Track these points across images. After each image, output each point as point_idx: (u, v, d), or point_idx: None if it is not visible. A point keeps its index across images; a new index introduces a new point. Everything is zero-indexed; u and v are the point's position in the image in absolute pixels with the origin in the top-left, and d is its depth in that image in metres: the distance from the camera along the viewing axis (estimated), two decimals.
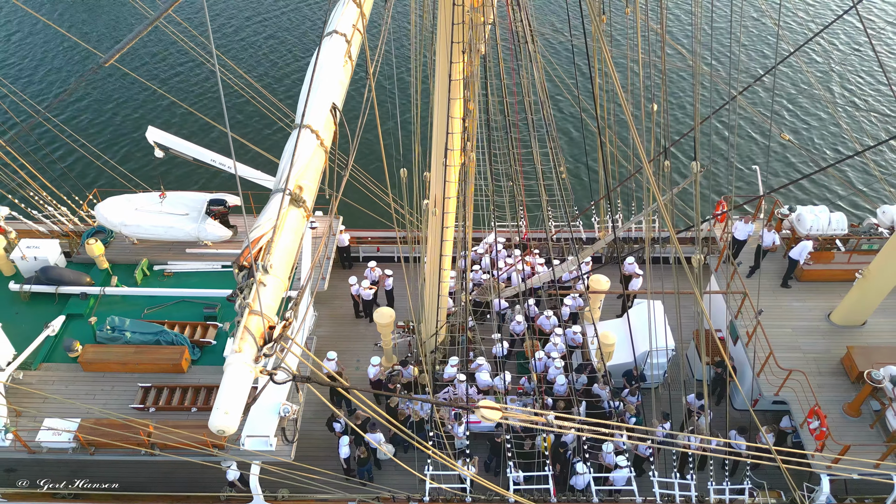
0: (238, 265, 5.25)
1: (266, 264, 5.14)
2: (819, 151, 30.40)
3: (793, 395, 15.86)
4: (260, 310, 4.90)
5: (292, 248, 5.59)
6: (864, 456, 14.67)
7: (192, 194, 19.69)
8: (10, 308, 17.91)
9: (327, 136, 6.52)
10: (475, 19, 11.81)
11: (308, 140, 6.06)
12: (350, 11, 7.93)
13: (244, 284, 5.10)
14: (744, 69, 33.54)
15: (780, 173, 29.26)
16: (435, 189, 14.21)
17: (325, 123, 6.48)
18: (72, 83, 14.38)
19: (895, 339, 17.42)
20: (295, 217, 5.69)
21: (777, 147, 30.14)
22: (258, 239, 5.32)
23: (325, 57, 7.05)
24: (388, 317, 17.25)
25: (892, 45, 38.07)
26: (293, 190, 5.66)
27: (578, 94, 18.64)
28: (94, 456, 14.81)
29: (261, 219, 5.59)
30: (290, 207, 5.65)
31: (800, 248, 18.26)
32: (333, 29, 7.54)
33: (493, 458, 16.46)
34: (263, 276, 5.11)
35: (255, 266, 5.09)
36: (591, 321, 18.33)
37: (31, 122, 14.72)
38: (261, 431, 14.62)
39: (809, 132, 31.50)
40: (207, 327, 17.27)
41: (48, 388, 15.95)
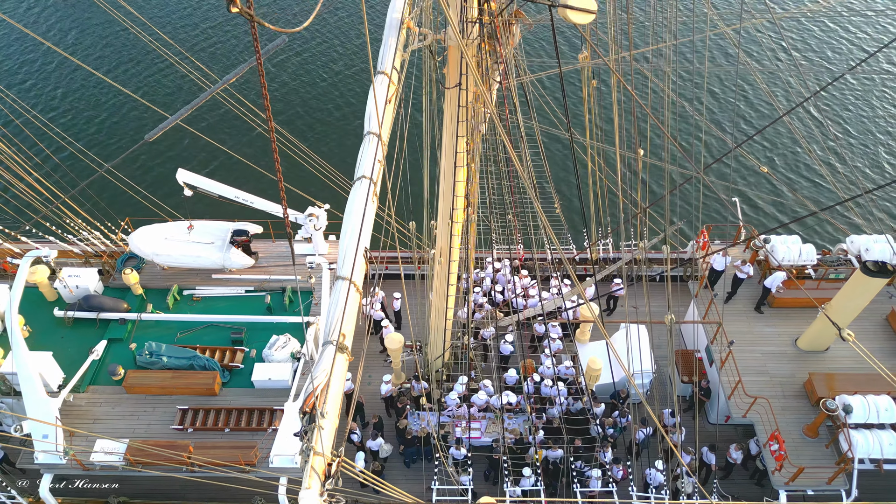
0: (301, 410, 7.03)
1: (323, 411, 6.92)
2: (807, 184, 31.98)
3: (758, 417, 17.85)
4: (322, 451, 6.70)
5: (340, 390, 7.38)
6: (819, 473, 16.83)
7: (216, 223, 21.37)
8: (56, 332, 19.78)
9: (359, 279, 8.26)
10: (477, 110, 13.40)
11: (349, 293, 7.79)
12: (372, 150, 9.59)
13: (307, 428, 6.89)
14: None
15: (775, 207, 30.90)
16: (441, 242, 15.94)
17: (359, 269, 8.21)
18: (127, 150, 16.06)
19: (854, 364, 19.33)
20: (340, 363, 7.45)
21: (763, 181, 31.66)
22: (315, 389, 7.09)
23: (357, 205, 8.73)
24: (398, 342, 19.16)
25: None
26: (340, 342, 7.43)
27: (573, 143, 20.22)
28: (140, 472, 16.86)
29: (316, 369, 7.34)
30: (337, 354, 7.41)
31: (773, 278, 20.05)
32: (361, 174, 9.20)
33: (490, 470, 18.55)
34: (321, 421, 6.90)
35: (316, 413, 6.88)
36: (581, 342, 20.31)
37: (95, 176, 16.38)
38: (287, 451, 16.64)
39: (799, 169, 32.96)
40: (235, 352, 19.19)
41: (97, 409, 17.96)
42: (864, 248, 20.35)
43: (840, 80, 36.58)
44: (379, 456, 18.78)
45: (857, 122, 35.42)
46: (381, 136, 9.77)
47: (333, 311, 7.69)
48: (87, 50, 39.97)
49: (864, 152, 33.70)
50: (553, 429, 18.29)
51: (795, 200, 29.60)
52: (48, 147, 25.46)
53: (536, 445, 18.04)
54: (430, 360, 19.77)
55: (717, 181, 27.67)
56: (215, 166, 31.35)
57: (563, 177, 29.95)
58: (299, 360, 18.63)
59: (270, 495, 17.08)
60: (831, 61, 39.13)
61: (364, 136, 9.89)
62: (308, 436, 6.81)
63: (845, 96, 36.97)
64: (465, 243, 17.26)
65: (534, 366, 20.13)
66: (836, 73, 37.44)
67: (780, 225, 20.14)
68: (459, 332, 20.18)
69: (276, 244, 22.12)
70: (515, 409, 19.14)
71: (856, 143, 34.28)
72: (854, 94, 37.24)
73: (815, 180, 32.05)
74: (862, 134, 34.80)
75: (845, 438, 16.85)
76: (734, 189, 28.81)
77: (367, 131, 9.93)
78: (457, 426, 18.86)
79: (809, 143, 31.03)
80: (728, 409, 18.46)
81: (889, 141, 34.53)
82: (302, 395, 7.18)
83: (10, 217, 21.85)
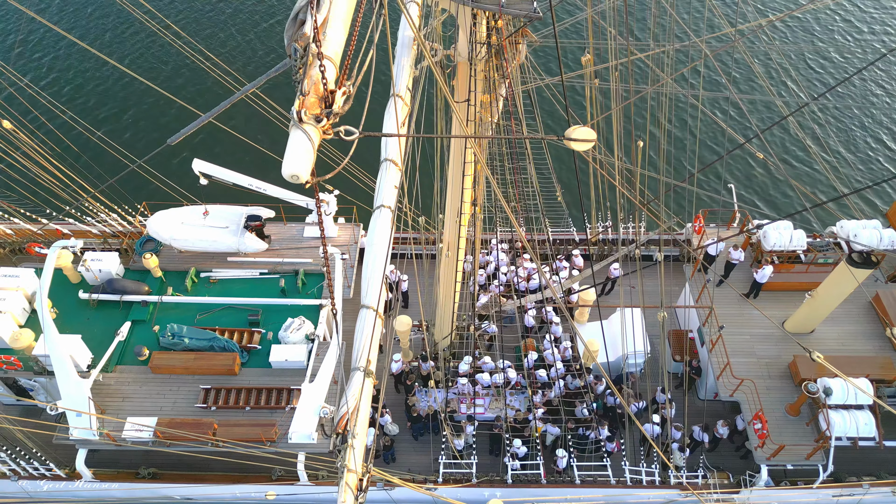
0: (334, 431, 8.06)
1: (354, 432, 7.95)
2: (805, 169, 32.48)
3: (744, 396, 19.09)
4: (356, 468, 7.76)
5: (366, 410, 8.40)
6: (798, 449, 18.18)
7: (230, 208, 22.16)
8: (81, 314, 20.82)
9: (381, 304, 9.18)
10: (484, 118, 14.09)
11: (372, 319, 8.72)
12: (391, 179, 10.36)
13: (341, 447, 7.94)
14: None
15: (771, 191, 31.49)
16: (448, 237, 16.83)
17: (381, 296, 9.13)
18: (149, 154, 16.71)
19: (838, 346, 20.49)
20: (368, 387, 8.44)
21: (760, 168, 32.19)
22: (346, 413, 8.09)
23: (378, 235, 9.58)
24: (406, 324, 20.26)
25: None
26: (367, 368, 8.39)
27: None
28: (169, 448, 18.15)
29: (346, 394, 8.33)
30: (365, 379, 8.39)
31: (763, 272, 20.97)
32: (381, 203, 10.01)
33: (494, 446, 19.91)
34: (352, 441, 7.92)
35: (348, 434, 7.91)
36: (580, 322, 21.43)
37: (128, 171, 17.12)
38: (305, 428, 17.89)
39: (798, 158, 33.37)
40: (252, 333, 20.28)
41: (125, 388, 19.16)
42: (852, 234, 21.22)
43: (844, 73, 36.74)
44: (386, 433, 20.12)
45: (857, 113, 35.65)
46: (399, 164, 10.53)
47: (360, 339, 8.64)
48: (114, 46, 39.93)
49: (862, 141, 34.08)
50: (552, 408, 19.55)
51: (784, 181, 30.30)
52: (70, 135, 26.07)
53: (536, 420, 19.36)
54: (437, 341, 20.91)
55: (713, 181, 28.35)
56: (220, 150, 31.77)
57: (564, 165, 30.59)
58: (314, 341, 19.73)
59: (289, 468, 18.42)
60: (831, 54, 39.07)
61: (381, 163, 10.62)
62: (341, 455, 7.86)
63: (849, 91, 37.04)
64: (472, 227, 18.13)
65: (534, 344, 21.29)
66: (835, 64, 37.62)
67: (778, 219, 20.96)
68: (465, 315, 21.26)
69: (288, 227, 22.97)
70: (516, 386, 20.38)
71: (855, 133, 34.67)
72: (859, 88, 37.32)
73: (808, 164, 32.60)
74: (860, 127, 35.12)
75: (824, 418, 18.09)
76: (731, 174, 29.56)
77: (383, 158, 10.66)
78: (462, 402, 20.14)
79: (804, 130, 31.48)
80: (716, 387, 19.69)
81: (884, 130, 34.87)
82: (336, 415, 8.18)
83: (31, 202, 22.63)
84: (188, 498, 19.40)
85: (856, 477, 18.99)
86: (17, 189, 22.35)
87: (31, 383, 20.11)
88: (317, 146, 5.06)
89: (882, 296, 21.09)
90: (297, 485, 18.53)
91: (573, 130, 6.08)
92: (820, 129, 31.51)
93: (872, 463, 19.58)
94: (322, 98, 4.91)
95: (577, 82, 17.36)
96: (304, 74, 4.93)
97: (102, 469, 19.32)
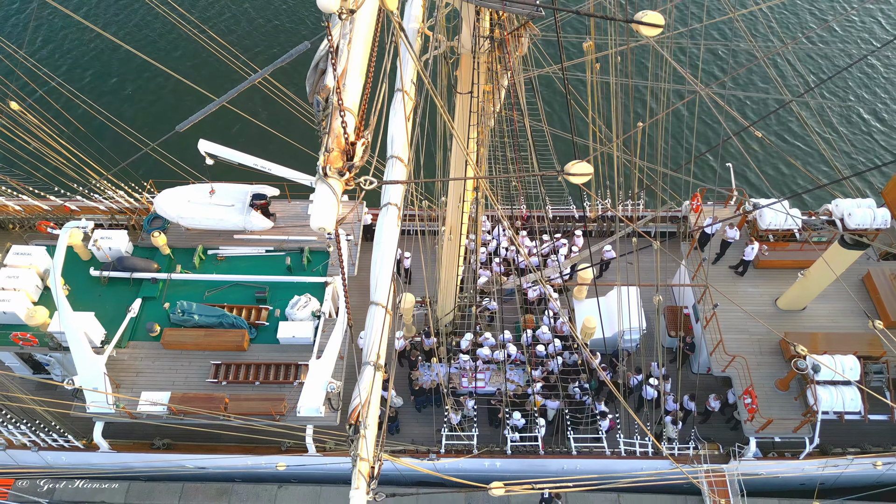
0: (348, 423, 8.65)
1: (366, 423, 8.53)
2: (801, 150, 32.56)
3: (735, 371, 19.78)
4: (367, 457, 8.36)
5: (377, 402, 8.98)
6: (786, 423, 18.96)
7: (235, 186, 22.52)
8: (93, 291, 21.37)
9: (389, 303, 9.68)
10: (487, 108, 14.38)
11: (382, 316, 9.22)
12: (398, 175, 10.75)
13: (354, 437, 8.53)
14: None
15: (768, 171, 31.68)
16: (451, 219, 17.26)
17: (389, 294, 9.62)
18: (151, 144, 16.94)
19: (829, 322, 21.11)
20: (378, 380, 8.99)
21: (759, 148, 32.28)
22: (357, 405, 8.66)
23: (385, 233, 10.02)
24: (410, 302, 20.83)
25: None
26: (376, 362, 8.93)
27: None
28: (182, 420, 18.92)
29: (359, 388, 8.87)
30: (375, 373, 8.93)
31: (749, 249, 21.50)
32: (388, 201, 10.42)
33: (494, 418, 20.69)
34: (364, 431, 8.51)
35: (360, 425, 8.49)
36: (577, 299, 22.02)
37: (140, 154, 17.44)
38: (313, 402, 18.62)
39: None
40: (260, 310, 20.87)
41: (139, 363, 19.85)
42: (846, 213, 21.65)
43: (845, 58, 36.52)
44: (391, 405, 20.89)
45: (851, 86, 35.55)
46: (405, 161, 10.89)
47: (370, 335, 9.17)
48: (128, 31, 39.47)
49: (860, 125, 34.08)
50: (550, 384, 20.27)
51: (780, 158, 30.49)
52: (78, 116, 26.20)
53: (535, 394, 20.10)
54: (440, 317, 21.51)
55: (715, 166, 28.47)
56: (221, 125, 31.73)
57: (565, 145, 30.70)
58: (320, 318, 20.34)
59: (298, 440, 19.21)
60: (830, 41, 38.70)
61: (388, 160, 10.99)
62: (354, 444, 8.47)
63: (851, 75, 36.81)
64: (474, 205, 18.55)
65: (533, 321, 21.90)
66: (836, 51, 37.34)
67: (775, 201, 21.32)
68: (468, 292, 21.81)
69: (293, 204, 23.36)
70: (515, 361, 21.07)
71: (851, 109, 34.64)
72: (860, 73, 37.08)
73: (804, 139, 32.71)
74: (857, 101, 35.05)
75: (812, 394, 18.81)
76: (727, 152, 29.75)
77: (390, 154, 11.03)
78: (463, 377, 20.85)
79: (802, 111, 31.49)
80: (709, 362, 20.37)
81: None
82: (349, 407, 8.76)
83: (39, 180, 22.97)
84: (201, 468, 20.28)
85: (841, 449, 19.81)
86: (25, 168, 22.66)
87: (46, 358, 20.82)
88: (340, 197, 5.47)
89: (873, 273, 21.63)
90: (305, 456, 19.36)
91: (572, 165, 6.48)
92: (815, 105, 31.58)
93: (858, 434, 20.41)
94: (343, 151, 5.30)
95: (578, 74, 17.51)
96: (327, 127, 5.29)
97: (118, 440, 20.14)
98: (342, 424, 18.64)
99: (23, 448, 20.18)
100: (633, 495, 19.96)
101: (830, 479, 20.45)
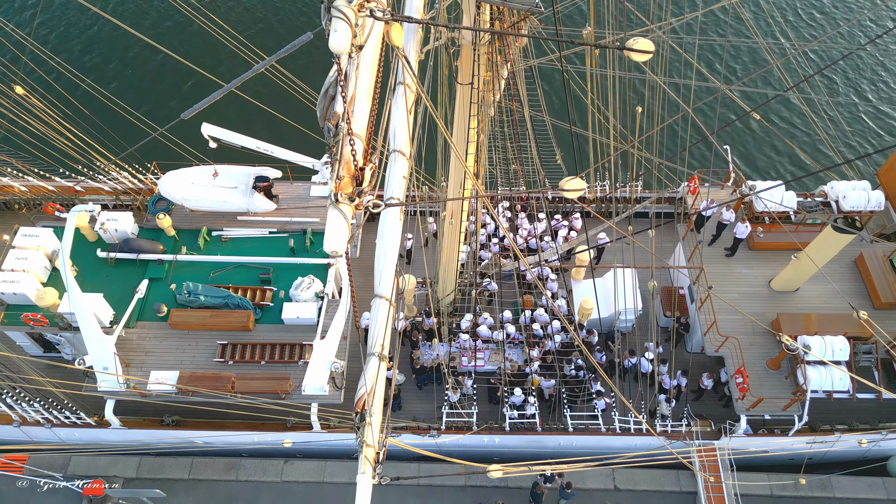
0: (354, 411, 9.11)
1: (370, 411, 9.00)
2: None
3: (728, 351, 20.32)
4: (373, 444, 8.85)
5: (382, 393, 9.43)
6: (776, 401, 19.56)
7: (238, 168, 22.76)
8: (100, 272, 21.79)
9: (394, 294, 10.08)
10: (487, 97, 14.63)
11: (386, 308, 9.63)
12: (399, 171, 11.06)
13: (360, 424, 9.01)
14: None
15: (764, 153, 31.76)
16: (451, 204, 17.60)
17: (393, 287, 10.01)
18: (159, 131, 17.11)
19: (821, 303, 21.58)
20: (382, 370, 9.43)
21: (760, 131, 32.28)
22: (363, 395, 9.11)
23: (389, 228, 10.38)
24: (411, 283, 21.28)
25: None
26: (380, 352, 9.37)
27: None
28: (190, 399, 19.49)
29: (364, 378, 9.31)
30: (380, 364, 9.37)
31: (737, 227, 21.88)
32: (390, 196, 10.76)
33: (493, 395, 21.30)
34: (370, 419, 8.98)
35: (366, 412, 8.95)
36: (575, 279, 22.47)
37: (148, 139, 17.69)
38: (317, 381, 19.17)
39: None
40: (265, 291, 21.31)
41: (147, 343, 20.36)
42: (841, 195, 22.03)
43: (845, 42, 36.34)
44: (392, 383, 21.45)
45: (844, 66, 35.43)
46: (407, 154, 11.19)
47: (374, 327, 9.60)
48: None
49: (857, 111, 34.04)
50: (548, 363, 20.82)
51: (778, 139, 30.61)
52: (81, 99, 26.32)
53: (533, 374, 20.68)
54: (440, 297, 21.98)
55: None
56: (221, 105, 31.73)
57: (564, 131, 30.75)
58: (323, 299, 20.80)
59: (303, 416, 19.82)
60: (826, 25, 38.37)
61: (390, 153, 11.28)
62: (360, 431, 8.96)
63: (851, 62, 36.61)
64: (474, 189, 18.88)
65: (532, 301, 22.38)
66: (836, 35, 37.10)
67: (774, 185, 21.60)
68: (468, 274, 22.25)
69: (295, 186, 23.64)
70: (514, 341, 21.60)
71: (849, 90, 34.59)
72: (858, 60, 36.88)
73: (800, 119, 32.75)
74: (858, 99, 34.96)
75: (802, 373, 19.36)
76: (724, 133, 29.86)
77: (392, 148, 11.32)
78: (463, 356, 21.40)
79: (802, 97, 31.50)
80: (703, 342, 20.89)
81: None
82: (356, 396, 9.22)
83: (44, 161, 23.23)
84: (209, 443, 20.94)
85: (829, 425, 20.45)
86: (31, 150, 22.89)
87: (56, 338, 21.33)
88: (350, 221, 5.83)
89: (865, 255, 22.04)
90: (310, 432, 20.00)
91: (567, 182, 6.82)
92: (810, 85, 31.59)
93: (846, 411, 21.05)
94: (353, 176, 5.64)
95: (579, 68, 17.70)
96: (338, 154, 5.62)
97: (129, 416, 20.76)
98: (346, 402, 19.27)
99: (36, 425, 20.81)
100: (627, 470, 20.68)
101: (818, 455, 21.14)
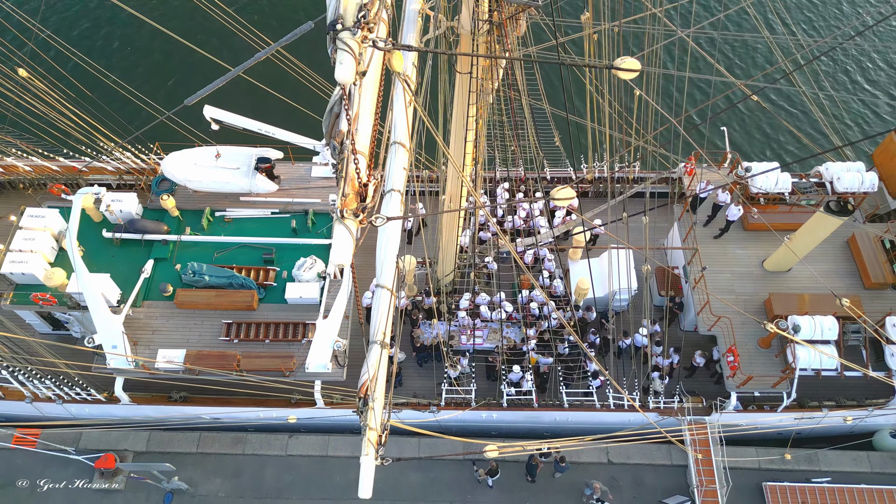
0: (357, 396, 9.61)
1: (373, 396, 9.49)
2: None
3: (720, 331, 20.84)
4: (376, 427, 9.36)
5: (383, 377, 9.92)
6: (766, 379, 20.15)
7: (240, 149, 23.02)
8: (106, 252, 22.19)
9: (395, 284, 10.51)
10: (485, 85, 14.87)
11: (388, 298, 10.07)
12: (400, 163, 11.42)
13: (363, 409, 9.51)
14: None
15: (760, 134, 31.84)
16: (450, 189, 17.94)
17: (394, 277, 10.44)
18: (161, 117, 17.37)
19: (812, 283, 22.03)
20: (384, 357, 9.90)
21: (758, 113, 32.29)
22: (366, 380, 9.58)
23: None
24: (412, 263, 21.73)
25: None
26: (383, 340, 9.83)
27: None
28: (197, 376, 20.05)
29: (367, 365, 9.78)
30: (382, 351, 9.84)
31: (729, 210, 22.25)
32: (391, 187, 11.13)
33: (491, 373, 21.90)
34: (372, 404, 9.48)
35: (369, 397, 9.45)
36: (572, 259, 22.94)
37: (154, 123, 17.94)
38: (320, 359, 19.70)
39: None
40: (268, 271, 21.75)
41: (154, 322, 20.87)
42: (836, 177, 22.30)
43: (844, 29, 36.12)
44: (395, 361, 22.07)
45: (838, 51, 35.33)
46: (407, 146, 11.53)
47: (376, 315, 10.05)
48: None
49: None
50: (545, 342, 21.37)
51: (773, 120, 30.71)
52: (83, 80, 26.38)
53: (530, 352, 21.24)
54: (440, 277, 22.45)
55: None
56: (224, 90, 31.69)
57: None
58: (325, 279, 21.26)
59: (307, 393, 20.44)
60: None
61: (390, 146, 11.62)
62: (363, 416, 9.47)
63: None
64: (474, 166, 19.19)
65: (529, 281, 22.82)
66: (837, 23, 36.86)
67: (770, 169, 21.87)
68: (468, 255, 22.67)
69: (297, 167, 23.91)
70: (512, 319, 22.12)
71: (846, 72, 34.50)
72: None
73: (796, 100, 32.78)
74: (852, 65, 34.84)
75: (791, 352, 19.91)
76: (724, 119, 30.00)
77: (392, 140, 11.65)
78: (462, 334, 21.94)
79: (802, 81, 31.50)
80: (696, 321, 21.41)
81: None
82: (358, 381, 9.72)
83: (48, 142, 23.48)
84: (216, 419, 21.60)
85: (817, 402, 21.08)
86: (35, 132, 23.13)
87: (65, 317, 21.85)
88: (355, 235, 6.20)
89: (857, 237, 22.42)
90: (314, 408, 20.64)
91: (557, 191, 7.18)
92: (809, 70, 31.61)
93: (834, 388, 21.65)
94: (357, 193, 6.00)
95: (579, 62, 17.82)
96: (343, 171, 5.97)
97: (137, 393, 21.37)
98: (349, 379, 19.85)
99: (48, 401, 21.44)
100: (620, 444, 21.36)
101: (806, 430, 21.82)
